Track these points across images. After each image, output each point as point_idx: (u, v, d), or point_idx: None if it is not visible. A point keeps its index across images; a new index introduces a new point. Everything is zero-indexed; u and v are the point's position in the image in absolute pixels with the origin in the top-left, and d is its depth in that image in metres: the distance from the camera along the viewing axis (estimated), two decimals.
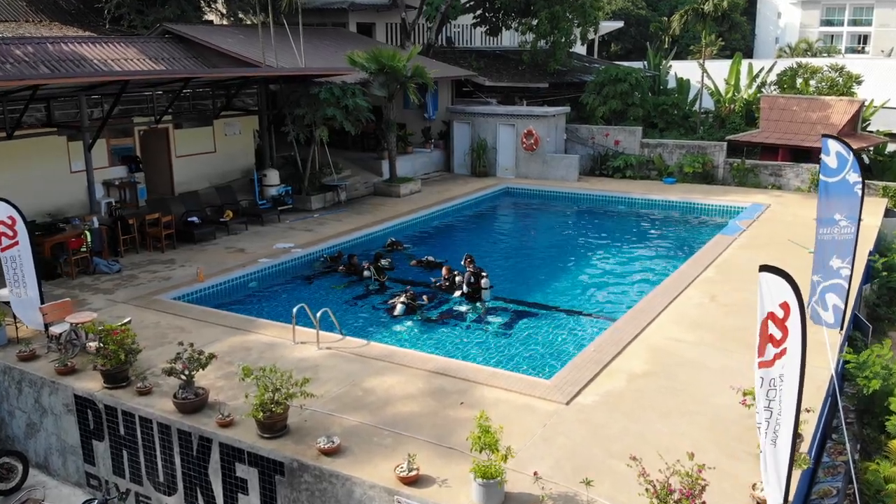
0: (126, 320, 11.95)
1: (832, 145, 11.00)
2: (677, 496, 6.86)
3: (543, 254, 19.78)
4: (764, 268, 6.74)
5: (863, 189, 10.85)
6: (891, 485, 9.21)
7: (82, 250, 15.78)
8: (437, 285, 15.81)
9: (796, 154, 24.82)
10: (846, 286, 11.08)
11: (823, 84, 27.90)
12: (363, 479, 8.03)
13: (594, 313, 14.52)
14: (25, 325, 12.13)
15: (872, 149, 25.10)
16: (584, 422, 9.25)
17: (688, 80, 32.86)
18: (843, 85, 27.43)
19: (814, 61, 30.32)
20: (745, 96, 30.29)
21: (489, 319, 14.23)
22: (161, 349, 11.40)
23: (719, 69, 31.95)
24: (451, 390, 10.11)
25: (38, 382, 10.84)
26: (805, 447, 8.34)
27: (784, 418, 6.79)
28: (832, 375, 10.15)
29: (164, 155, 21.04)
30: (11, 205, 11.61)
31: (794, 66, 29.08)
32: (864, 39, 66.46)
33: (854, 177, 10.82)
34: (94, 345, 10.63)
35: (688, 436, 8.82)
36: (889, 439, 10.50)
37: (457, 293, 15.32)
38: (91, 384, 10.36)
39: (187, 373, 9.52)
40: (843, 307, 11.21)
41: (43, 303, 11.92)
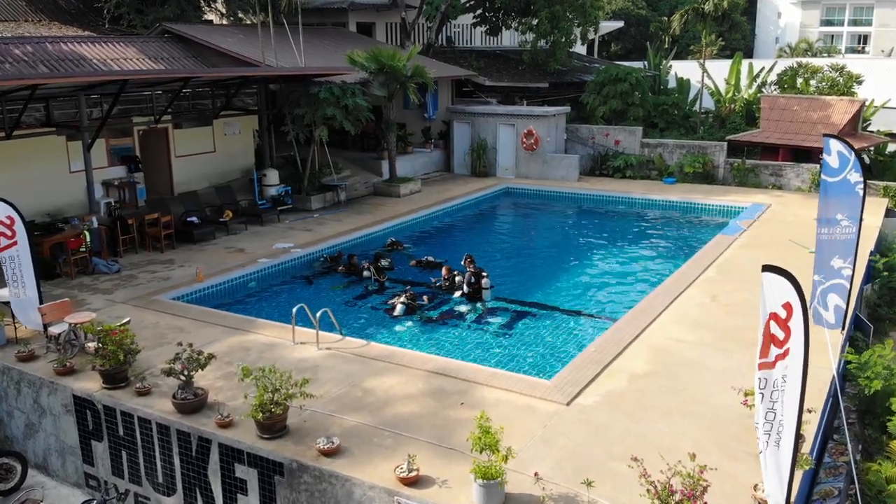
0: (125, 320, 11.92)
1: (834, 145, 10.96)
2: (679, 497, 6.83)
3: (544, 254, 19.74)
4: (767, 268, 6.69)
5: (864, 189, 10.81)
6: (892, 485, 9.18)
7: (81, 250, 15.75)
8: (437, 285, 15.78)
9: (797, 154, 24.80)
10: (848, 286, 11.04)
11: (824, 84, 27.87)
12: (363, 479, 8.00)
13: (595, 313, 14.49)
14: (24, 325, 12.10)
15: (873, 149, 25.09)
16: (585, 422, 9.22)
17: (688, 80, 32.82)
18: (844, 85, 27.41)
19: (814, 61, 30.29)
20: (746, 96, 30.25)
21: (489, 320, 14.19)
22: (160, 349, 11.38)
23: (719, 69, 31.92)
24: (451, 391, 10.08)
25: (36, 383, 10.81)
26: (807, 448, 8.31)
27: (786, 419, 6.75)
28: (833, 376, 10.12)
29: (164, 155, 21.02)
30: (10, 205, 11.57)
31: (794, 65, 29.05)
32: (865, 39, 66.42)
33: (855, 176, 10.78)
34: (93, 345, 10.61)
35: (689, 436, 8.79)
36: (891, 440, 10.47)
37: (457, 293, 15.29)
38: (90, 384, 10.34)
39: (186, 373, 9.49)
40: (844, 307, 11.17)
41: (42, 303, 11.89)
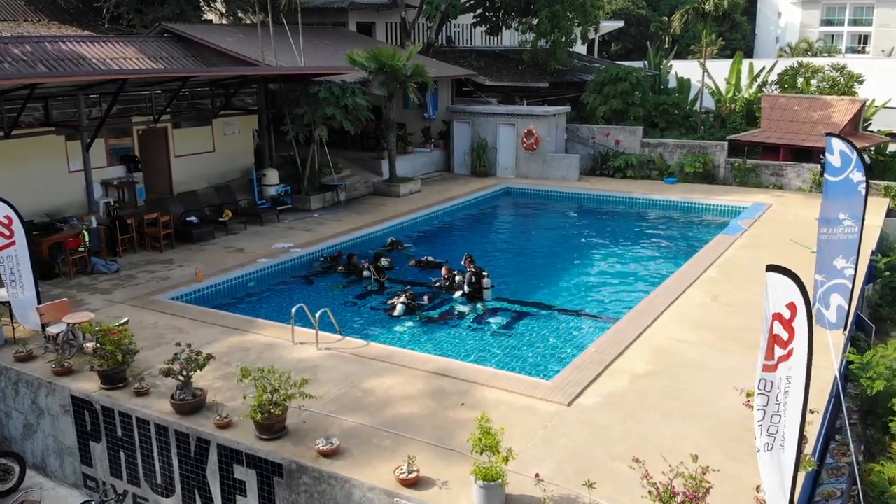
0: (124, 320, 11.87)
1: (836, 144, 10.91)
2: (681, 499, 6.77)
3: (544, 254, 19.69)
4: (771, 268, 6.64)
5: (867, 188, 10.76)
6: (895, 486, 9.13)
7: (80, 250, 15.71)
8: (437, 285, 15.73)
9: (797, 154, 24.74)
10: (850, 286, 10.99)
11: (824, 83, 27.81)
12: (362, 480, 7.95)
13: (595, 313, 14.43)
14: (22, 325, 12.05)
15: (874, 148, 25.03)
16: (586, 423, 9.17)
17: (688, 80, 32.78)
18: (845, 84, 27.35)
19: (815, 61, 30.25)
20: (746, 96, 30.19)
21: (489, 320, 14.14)
22: (159, 350, 11.33)
23: (720, 69, 31.87)
24: (451, 391, 10.04)
25: (34, 383, 10.76)
26: (809, 448, 8.26)
27: (790, 420, 6.70)
28: (836, 376, 10.06)
29: (163, 154, 20.98)
30: (8, 204, 11.54)
31: (795, 65, 29.00)
32: (865, 39, 66.36)
33: (858, 175, 10.73)
34: (92, 345, 10.55)
35: (690, 437, 8.74)
36: (893, 440, 10.44)
37: (458, 293, 15.23)
38: (88, 385, 10.29)
39: (185, 373, 9.45)
40: (846, 307, 11.12)
41: (40, 303, 11.86)
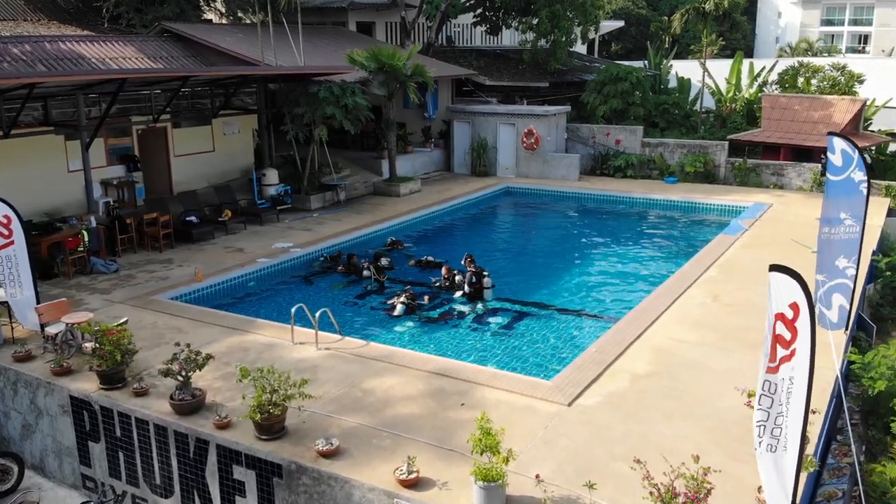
0: (123, 320, 11.85)
1: (837, 143, 10.88)
2: (682, 500, 6.74)
3: (544, 253, 19.66)
4: (774, 267, 6.60)
5: (868, 187, 10.72)
6: None
7: (79, 250, 15.67)
8: (436, 285, 15.70)
9: (798, 153, 24.71)
10: (852, 286, 10.95)
11: (825, 83, 27.79)
12: (362, 481, 7.92)
13: (596, 313, 14.40)
14: (21, 325, 12.02)
15: (874, 148, 25.00)
16: (587, 423, 9.14)
17: (689, 80, 32.74)
18: (845, 84, 27.33)
19: (815, 60, 30.22)
20: (747, 95, 30.16)
21: (490, 320, 14.11)
22: (158, 350, 11.29)
23: (720, 68, 31.84)
24: (451, 391, 10.00)
25: (33, 383, 10.72)
26: (810, 449, 8.22)
27: (792, 421, 6.66)
28: (837, 376, 10.03)
29: (163, 154, 20.95)
30: (7, 204, 11.50)
31: (795, 65, 28.97)
32: (865, 39, 66.29)
33: (859, 175, 10.70)
34: (91, 345, 10.52)
35: (691, 437, 8.71)
36: (894, 440, 10.39)
37: (459, 293, 15.20)
38: (87, 385, 10.25)
39: (184, 374, 9.41)
40: (848, 307, 11.08)
41: (39, 303, 11.82)
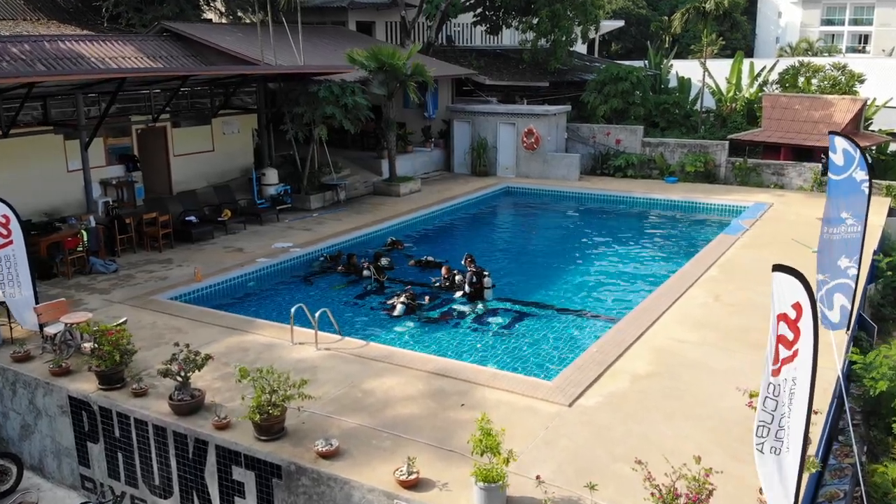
0: (122, 320, 11.82)
1: (839, 142, 10.84)
2: (684, 501, 6.70)
3: (544, 253, 19.62)
4: (777, 267, 6.56)
5: (870, 187, 10.69)
6: None
7: (78, 250, 15.63)
8: (436, 285, 15.66)
9: (799, 153, 24.69)
10: (853, 286, 10.92)
11: (825, 83, 27.76)
12: (362, 482, 7.89)
13: (596, 313, 14.37)
14: (20, 325, 11.98)
15: (875, 148, 24.97)
16: (587, 424, 9.10)
17: (689, 80, 32.70)
18: (846, 83, 27.30)
19: (816, 60, 30.19)
20: (747, 95, 30.13)
21: (490, 320, 14.07)
22: (157, 350, 11.26)
23: (721, 68, 31.81)
24: (451, 392, 9.97)
25: (32, 384, 10.69)
26: (812, 450, 8.19)
27: (794, 422, 6.62)
28: (839, 376, 10.00)
29: (162, 154, 20.92)
30: (6, 203, 11.47)
31: (796, 64, 28.95)
32: (865, 39, 66.25)
33: (861, 174, 10.67)
34: (89, 345, 10.50)
35: (692, 438, 8.68)
36: None
37: (459, 293, 15.17)
38: (86, 385, 10.22)
39: (183, 374, 9.38)
40: (849, 307, 11.05)
41: (38, 303, 11.80)
